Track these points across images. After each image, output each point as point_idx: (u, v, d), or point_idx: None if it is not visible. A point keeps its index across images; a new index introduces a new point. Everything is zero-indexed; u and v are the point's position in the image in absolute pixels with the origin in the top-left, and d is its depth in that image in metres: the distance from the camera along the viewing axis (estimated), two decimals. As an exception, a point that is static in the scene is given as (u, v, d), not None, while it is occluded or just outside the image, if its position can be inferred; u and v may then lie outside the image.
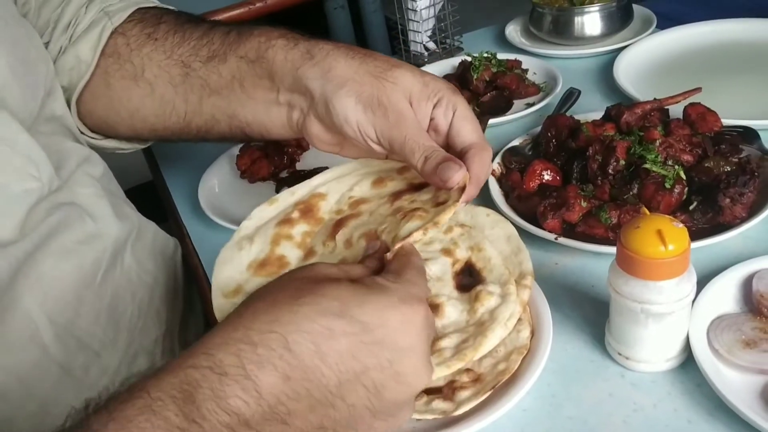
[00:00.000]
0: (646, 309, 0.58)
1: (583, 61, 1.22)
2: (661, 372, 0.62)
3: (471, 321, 0.64)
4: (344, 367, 0.46)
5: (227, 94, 0.77)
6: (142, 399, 0.42)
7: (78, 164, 0.76)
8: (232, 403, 0.43)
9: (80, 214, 0.72)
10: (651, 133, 0.81)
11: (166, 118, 0.81)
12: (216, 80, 0.77)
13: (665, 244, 0.55)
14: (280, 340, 0.45)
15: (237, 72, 0.75)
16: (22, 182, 0.66)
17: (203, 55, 0.77)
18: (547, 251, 0.78)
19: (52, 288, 0.67)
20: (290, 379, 0.44)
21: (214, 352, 0.44)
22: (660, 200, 0.75)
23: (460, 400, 0.58)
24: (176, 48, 0.78)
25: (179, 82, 0.78)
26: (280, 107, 0.75)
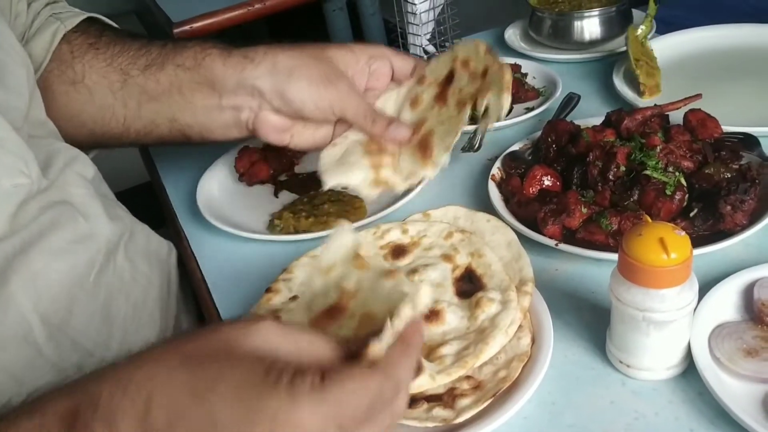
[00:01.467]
0: (647, 317, 0.58)
1: (582, 66, 1.22)
2: (662, 380, 0.61)
3: (471, 328, 0.64)
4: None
5: (166, 100, 0.82)
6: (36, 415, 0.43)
7: (66, 164, 0.77)
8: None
9: (73, 214, 0.73)
10: (652, 140, 0.81)
11: (105, 123, 0.85)
12: (154, 87, 0.82)
13: (668, 252, 0.55)
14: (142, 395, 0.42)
15: (175, 79, 0.81)
16: (11, 178, 0.66)
17: (141, 64, 0.82)
18: (548, 257, 0.77)
19: (45, 287, 0.67)
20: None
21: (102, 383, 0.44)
22: (660, 207, 0.75)
23: (461, 408, 0.57)
24: (116, 57, 0.83)
25: (118, 88, 0.82)
26: (223, 111, 0.82)
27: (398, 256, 0.74)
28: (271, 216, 0.94)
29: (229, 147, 1.07)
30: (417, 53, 1.29)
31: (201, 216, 0.93)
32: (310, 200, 0.95)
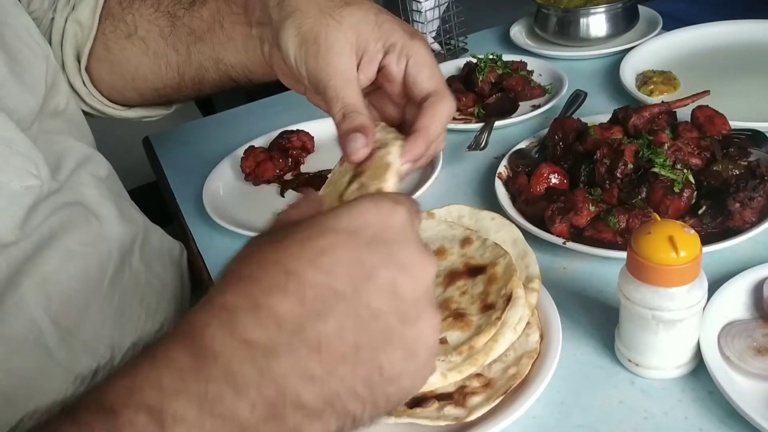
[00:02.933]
0: (657, 316, 0.58)
1: (588, 63, 1.21)
2: (671, 379, 0.61)
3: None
4: (351, 273, 0.41)
5: (210, 39, 0.77)
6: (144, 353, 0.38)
7: (78, 164, 0.76)
8: (250, 334, 0.37)
9: (85, 215, 0.72)
10: (659, 137, 0.80)
11: (163, 74, 0.82)
12: (199, 25, 0.77)
13: (677, 250, 0.55)
14: (279, 271, 0.39)
15: (217, 13, 0.76)
16: (21, 180, 0.65)
17: (186, 1, 0.78)
18: (555, 255, 0.77)
19: (57, 291, 0.66)
20: (305, 301, 0.39)
21: (215, 298, 0.40)
22: (669, 204, 0.75)
23: (472, 406, 0.57)
24: (162, 0, 0.80)
25: (168, 33, 0.79)
26: (254, 41, 0.72)
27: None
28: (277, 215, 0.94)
29: (233, 147, 1.08)
30: (422, 51, 1.28)
31: (207, 216, 0.93)
32: (316, 200, 0.94)
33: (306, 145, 1.06)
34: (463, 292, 0.66)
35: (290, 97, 1.28)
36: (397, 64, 0.61)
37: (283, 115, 1.21)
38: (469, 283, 0.66)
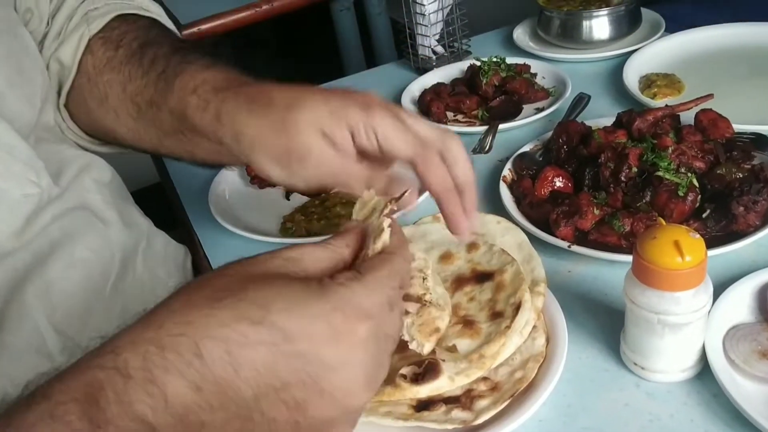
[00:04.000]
0: (662, 320, 0.58)
1: (591, 65, 1.22)
2: (677, 382, 0.62)
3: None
4: (261, 381, 0.41)
5: (178, 138, 0.75)
6: (43, 403, 0.39)
7: (81, 170, 0.76)
8: (138, 408, 0.39)
9: (90, 219, 0.73)
10: (663, 141, 0.81)
11: (138, 143, 0.81)
12: (160, 126, 0.75)
13: (682, 255, 0.55)
14: (190, 345, 0.40)
15: (175, 123, 0.73)
16: (21, 188, 0.66)
17: (146, 99, 0.75)
18: (560, 259, 0.78)
19: (60, 298, 0.66)
20: (201, 389, 0.40)
21: (121, 352, 0.40)
22: (673, 208, 0.75)
23: (480, 409, 0.58)
24: (127, 84, 0.77)
25: (136, 117, 0.77)
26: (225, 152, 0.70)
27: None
28: (282, 219, 0.94)
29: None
30: (426, 54, 1.29)
31: (213, 219, 0.94)
32: (322, 202, 0.95)
33: (311, 148, 1.07)
34: (471, 299, 0.66)
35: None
36: (369, 141, 0.60)
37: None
38: (477, 289, 0.67)
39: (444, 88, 1.17)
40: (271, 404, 0.41)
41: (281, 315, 0.41)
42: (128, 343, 0.40)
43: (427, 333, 0.60)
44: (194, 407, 0.40)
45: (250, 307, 0.41)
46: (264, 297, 0.41)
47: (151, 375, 0.39)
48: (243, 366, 0.40)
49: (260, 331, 0.40)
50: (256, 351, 0.40)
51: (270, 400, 0.41)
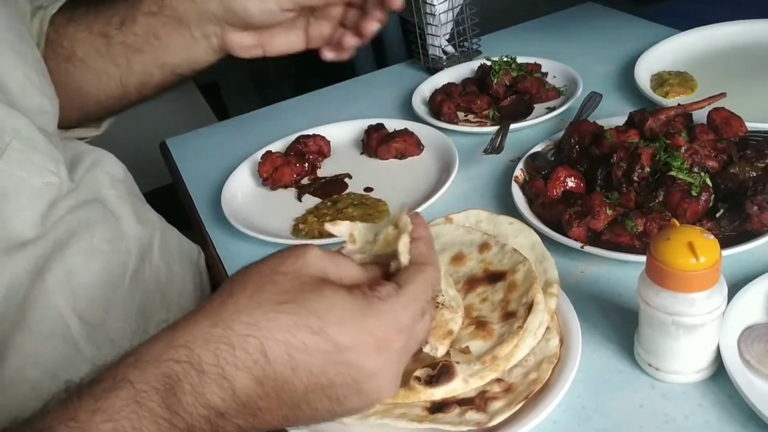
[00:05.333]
0: (677, 321, 0.58)
1: (603, 64, 1.21)
2: (691, 383, 0.61)
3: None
4: (312, 380, 0.49)
5: (149, 48, 0.87)
6: (126, 390, 0.45)
7: (93, 164, 0.79)
8: (210, 398, 0.46)
9: (104, 213, 0.75)
10: (676, 140, 0.80)
11: (106, 87, 0.88)
12: (134, 40, 0.87)
13: (697, 256, 0.55)
14: (257, 346, 0.47)
15: (149, 27, 0.87)
16: (42, 176, 0.69)
17: (116, 23, 0.87)
18: (573, 259, 0.77)
19: (81, 288, 0.69)
20: (263, 383, 0.47)
21: (194, 347, 0.47)
22: (686, 208, 0.75)
23: (494, 411, 0.58)
24: (93, 23, 0.87)
25: (105, 51, 0.86)
26: (197, 41, 0.88)
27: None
28: (295, 220, 0.95)
29: (249, 151, 1.09)
30: (436, 54, 1.29)
31: (225, 220, 0.94)
32: (334, 204, 0.95)
33: (322, 150, 1.07)
34: (483, 299, 0.66)
35: (304, 101, 1.29)
36: None
37: (298, 119, 1.22)
38: (489, 289, 0.67)
39: (455, 88, 1.17)
40: (317, 398, 0.49)
41: (335, 328, 0.48)
42: (200, 340, 0.47)
43: (440, 336, 0.61)
44: (255, 397, 0.48)
45: (310, 316, 0.48)
46: (319, 309, 0.49)
47: (222, 371, 0.47)
48: (300, 367, 0.48)
49: (317, 341, 0.48)
50: (312, 357, 0.48)
51: (317, 395, 0.49)
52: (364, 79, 1.40)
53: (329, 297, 0.49)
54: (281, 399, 0.48)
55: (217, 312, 0.48)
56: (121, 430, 0.44)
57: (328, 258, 0.53)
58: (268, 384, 0.48)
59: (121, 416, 0.44)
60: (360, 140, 1.11)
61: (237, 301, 0.48)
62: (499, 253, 0.70)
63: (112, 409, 0.44)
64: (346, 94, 1.32)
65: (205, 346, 0.47)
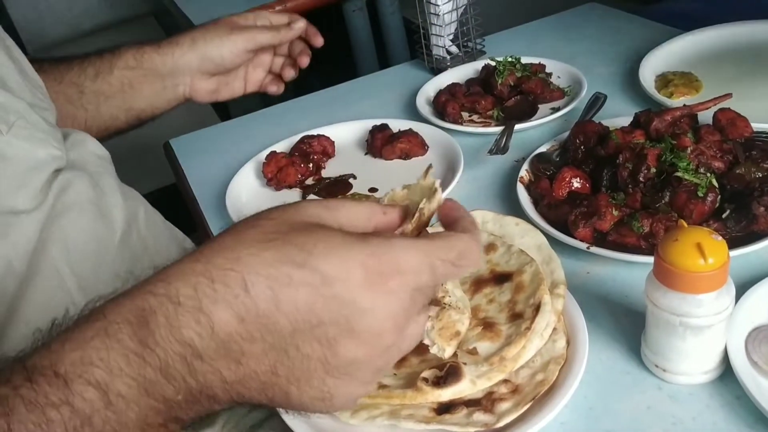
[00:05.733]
0: (684, 322, 0.58)
1: (607, 64, 1.21)
2: (699, 384, 0.61)
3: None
4: (299, 317, 0.45)
5: (120, 96, 1.00)
6: (99, 321, 0.44)
7: (79, 142, 0.85)
8: (185, 333, 0.44)
9: (93, 186, 0.80)
10: (682, 141, 0.80)
11: (70, 127, 0.92)
12: (107, 89, 0.99)
13: (705, 257, 0.55)
14: (238, 280, 0.44)
15: (124, 79, 1.00)
16: (45, 149, 0.74)
17: (90, 74, 0.99)
18: (579, 260, 0.77)
19: (74, 245, 0.74)
20: (244, 320, 0.44)
21: (172, 281, 0.45)
22: (693, 209, 0.75)
23: (501, 412, 0.58)
24: (64, 74, 0.98)
25: (76, 99, 0.96)
26: (166, 90, 1.03)
27: None
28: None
29: (255, 151, 1.09)
30: (440, 54, 1.29)
31: (230, 221, 0.94)
32: (339, 204, 0.95)
33: (327, 150, 1.07)
34: (490, 300, 0.66)
35: (307, 102, 1.29)
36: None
37: (301, 120, 1.22)
38: (496, 290, 0.67)
39: (459, 88, 1.17)
40: (305, 340, 0.45)
41: (321, 259, 0.44)
42: (179, 273, 0.45)
43: (447, 337, 0.60)
44: (237, 336, 0.44)
45: (294, 249, 0.45)
46: (306, 242, 0.45)
47: (200, 304, 0.44)
48: (284, 302, 0.44)
49: (303, 273, 0.44)
50: (297, 290, 0.44)
51: (305, 336, 0.45)
52: (368, 79, 1.40)
53: (320, 233, 0.46)
54: (266, 341, 0.45)
55: (200, 250, 0.46)
56: (87, 359, 0.43)
57: (323, 204, 0.49)
58: (251, 322, 0.44)
59: (89, 346, 0.43)
60: (364, 140, 1.11)
61: (221, 241, 0.46)
62: (506, 254, 0.70)
63: (82, 338, 0.44)
64: (349, 95, 1.32)
65: (184, 279, 0.44)
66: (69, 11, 2.84)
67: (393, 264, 0.46)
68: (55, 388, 0.42)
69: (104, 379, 0.43)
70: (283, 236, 0.46)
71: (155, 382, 0.44)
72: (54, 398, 0.42)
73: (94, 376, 0.43)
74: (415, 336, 0.50)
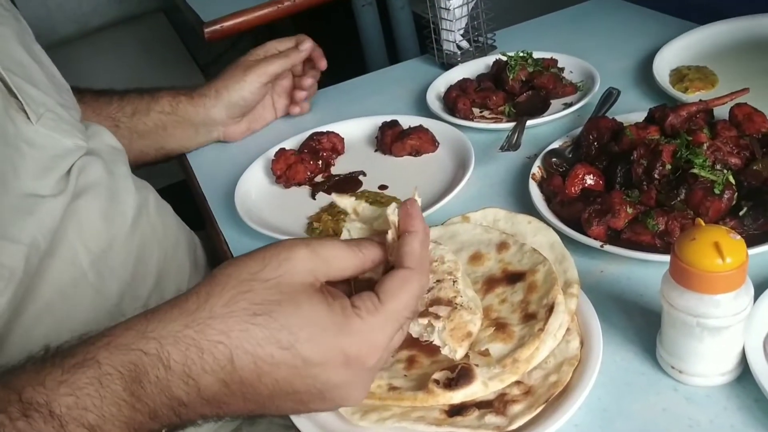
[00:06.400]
0: (702, 323, 0.57)
1: (620, 59, 1.19)
2: (716, 386, 0.60)
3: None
4: (277, 388, 0.51)
5: (153, 136, 1.09)
6: (92, 369, 0.48)
7: (95, 133, 0.89)
8: (175, 392, 0.50)
9: (107, 173, 0.85)
10: (698, 137, 0.79)
11: None
12: (142, 128, 1.08)
13: (723, 256, 0.54)
14: (226, 353, 0.49)
15: (159, 122, 1.09)
16: (72, 139, 0.80)
17: (128, 112, 1.07)
18: (592, 258, 0.76)
19: (88, 223, 0.79)
20: (228, 385, 0.50)
21: (164, 343, 0.49)
22: (709, 206, 0.74)
23: (513, 414, 0.57)
24: (102, 108, 1.06)
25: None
26: (198, 135, 1.14)
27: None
28: (309, 218, 0.94)
29: (264, 149, 1.08)
30: (450, 49, 1.28)
31: (239, 218, 0.94)
32: (348, 201, 0.94)
33: (336, 147, 1.06)
34: (502, 300, 0.65)
35: (316, 98, 1.28)
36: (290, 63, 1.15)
37: (311, 116, 1.21)
38: (509, 290, 0.66)
39: (470, 83, 1.15)
40: (282, 401, 0.52)
41: (305, 345, 0.50)
42: (172, 338, 0.49)
43: (459, 338, 0.60)
44: (220, 395, 0.51)
45: (282, 331, 0.50)
46: (293, 324, 0.50)
47: (189, 371, 0.49)
48: (265, 376, 0.50)
49: (285, 355, 0.50)
50: (278, 368, 0.50)
51: (281, 399, 0.52)
52: (377, 75, 1.39)
53: (305, 311, 0.51)
54: (246, 399, 0.51)
55: (193, 314, 0.50)
56: (82, 404, 0.47)
57: (316, 257, 0.53)
58: (234, 386, 0.50)
59: (84, 393, 0.48)
60: (374, 137, 1.10)
61: (212, 307, 0.50)
62: (518, 252, 0.69)
63: (77, 384, 0.48)
64: (358, 90, 1.31)
65: (175, 345, 0.49)
66: (78, 8, 2.84)
67: (370, 347, 0.52)
68: (50, 427, 0.47)
69: (97, 423, 0.48)
70: (273, 310, 0.50)
71: (143, 423, 0.50)
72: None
73: (87, 420, 0.48)
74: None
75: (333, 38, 2.37)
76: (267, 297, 0.50)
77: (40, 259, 0.72)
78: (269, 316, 0.50)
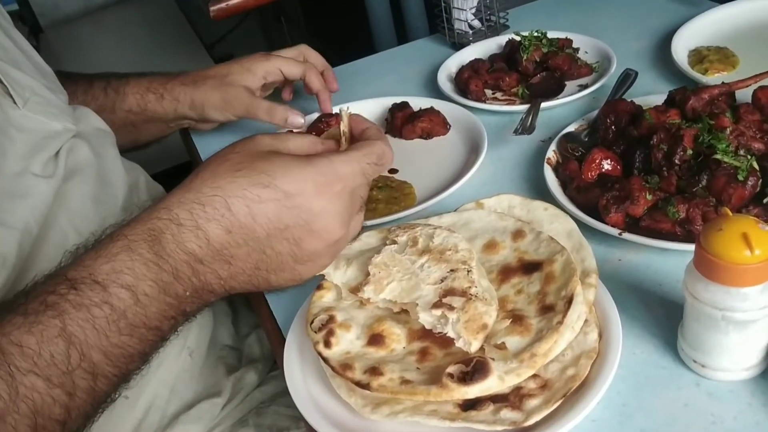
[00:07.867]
0: (727, 316, 0.54)
1: (637, 39, 1.16)
2: (740, 381, 0.58)
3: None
4: (271, 225, 0.62)
5: (123, 132, 1.01)
6: (121, 240, 0.59)
7: (83, 116, 0.88)
8: (188, 246, 0.60)
9: (96, 156, 0.84)
10: (721, 121, 0.76)
11: None
12: (110, 124, 0.97)
13: (751, 248, 0.51)
14: (222, 202, 0.61)
15: (127, 120, 1.05)
16: (61, 122, 0.79)
17: (93, 108, 0.96)
18: (609, 246, 0.74)
19: (78, 207, 0.79)
20: (231, 232, 0.61)
21: (173, 208, 0.61)
22: (732, 193, 0.71)
23: (530, 409, 0.55)
24: (71, 98, 0.96)
25: None
26: (170, 128, 1.10)
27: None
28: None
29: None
30: (462, 28, 1.24)
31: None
32: (358, 186, 0.92)
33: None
34: (518, 291, 0.63)
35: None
36: (276, 76, 1.07)
37: (319, 98, 1.18)
38: (525, 280, 0.64)
39: (482, 64, 1.12)
40: (277, 241, 0.63)
41: (282, 180, 0.62)
42: (177, 202, 0.61)
43: (474, 330, 0.58)
44: (226, 244, 0.62)
45: (261, 175, 0.62)
46: (268, 168, 0.63)
47: (196, 223, 0.61)
48: (258, 215, 0.62)
49: (269, 192, 0.62)
50: (266, 205, 0.62)
51: (277, 238, 0.63)
52: (386, 55, 1.36)
53: (276, 160, 0.63)
54: (249, 246, 0.62)
55: (187, 184, 0.63)
56: (117, 268, 0.58)
57: (275, 137, 0.68)
58: (236, 233, 0.61)
59: (118, 259, 0.58)
60: (384, 119, 1.07)
61: (202, 175, 0.63)
62: (535, 241, 0.67)
63: (111, 253, 0.58)
64: (367, 71, 1.28)
65: (181, 206, 0.61)
66: (83, -15, 2.81)
67: (335, 175, 0.64)
68: (96, 292, 0.56)
69: (132, 283, 0.58)
70: (249, 165, 0.63)
71: (169, 283, 0.60)
72: (96, 299, 0.56)
73: (125, 281, 0.58)
74: (357, 228, 0.70)
75: (340, 16, 2.33)
76: (242, 159, 0.63)
77: (32, 244, 0.72)
78: (248, 167, 0.62)
